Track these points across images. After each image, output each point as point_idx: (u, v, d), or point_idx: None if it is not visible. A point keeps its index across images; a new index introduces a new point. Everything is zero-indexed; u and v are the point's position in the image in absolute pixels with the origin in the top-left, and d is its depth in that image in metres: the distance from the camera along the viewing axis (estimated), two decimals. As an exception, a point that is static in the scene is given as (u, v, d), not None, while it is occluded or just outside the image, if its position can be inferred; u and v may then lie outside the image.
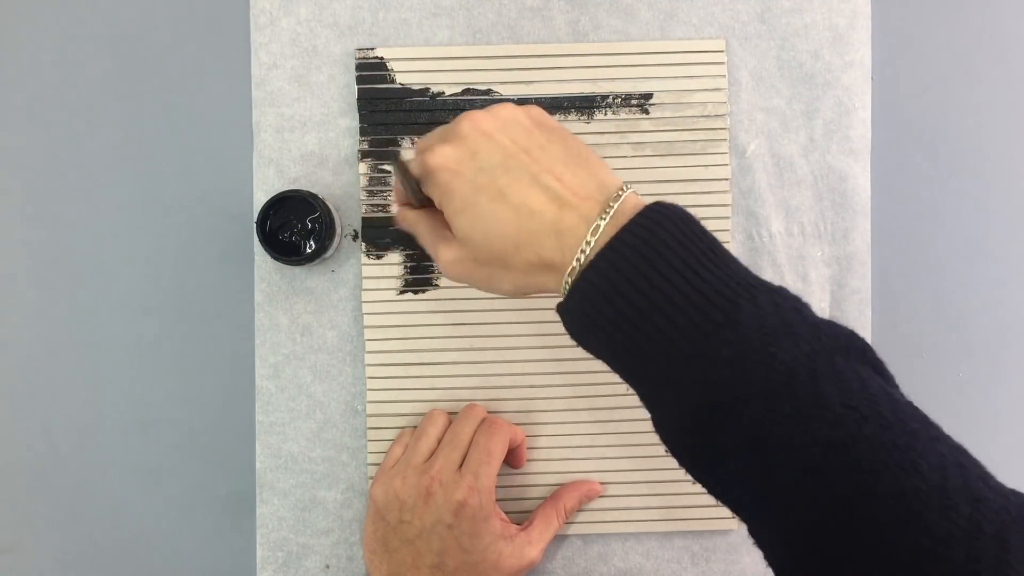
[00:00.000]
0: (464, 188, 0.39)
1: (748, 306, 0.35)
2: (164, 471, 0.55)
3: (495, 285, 0.41)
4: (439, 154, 0.40)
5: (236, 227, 0.55)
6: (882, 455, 0.32)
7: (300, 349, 0.54)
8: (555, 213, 0.38)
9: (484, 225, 0.39)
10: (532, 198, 0.38)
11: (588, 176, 0.39)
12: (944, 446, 0.33)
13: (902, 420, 0.33)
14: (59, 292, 0.55)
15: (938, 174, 0.57)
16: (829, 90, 0.55)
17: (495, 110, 0.41)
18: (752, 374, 0.34)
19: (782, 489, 0.34)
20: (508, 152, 0.39)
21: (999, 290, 0.57)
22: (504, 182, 0.39)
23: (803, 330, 0.34)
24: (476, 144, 0.40)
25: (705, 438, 0.35)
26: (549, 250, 0.38)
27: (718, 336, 0.34)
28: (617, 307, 0.36)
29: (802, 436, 0.33)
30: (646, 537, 0.55)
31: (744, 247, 0.55)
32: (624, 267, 0.35)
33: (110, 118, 0.55)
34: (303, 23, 0.54)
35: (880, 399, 0.33)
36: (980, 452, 0.57)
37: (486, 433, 0.51)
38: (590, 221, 0.37)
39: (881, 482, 0.31)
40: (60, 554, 0.55)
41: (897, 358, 0.56)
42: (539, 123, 0.41)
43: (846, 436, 0.32)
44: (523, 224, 0.38)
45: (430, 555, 0.48)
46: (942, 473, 0.32)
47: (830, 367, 0.34)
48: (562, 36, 0.55)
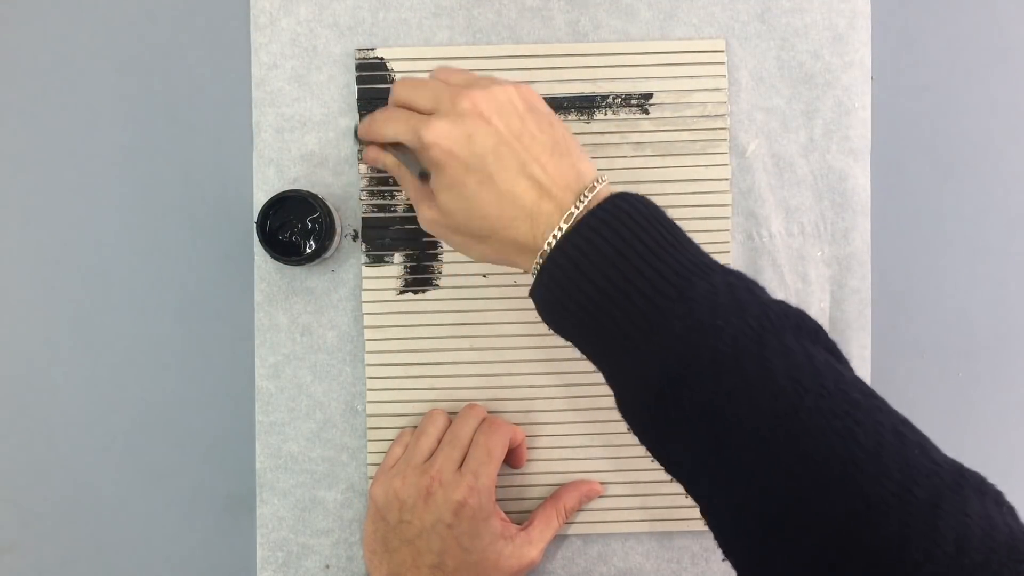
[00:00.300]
0: (455, 168, 0.41)
1: (701, 283, 0.37)
2: (164, 471, 0.55)
3: (467, 251, 0.44)
4: (435, 130, 0.41)
5: (236, 227, 0.55)
6: (820, 422, 0.33)
7: (300, 349, 0.54)
8: (535, 200, 0.41)
9: (468, 204, 0.41)
10: (517, 185, 0.41)
11: (569, 166, 0.42)
12: (884, 415, 0.34)
13: (843, 391, 0.34)
14: (59, 292, 0.55)
15: (938, 174, 0.57)
16: (829, 90, 0.55)
17: (493, 91, 0.42)
18: (702, 347, 0.35)
19: (730, 460, 0.35)
20: (501, 138, 0.41)
21: (999, 290, 0.57)
22: (494, 168, 0.41)
23: (753, 307, 0.36)
24: (473, 126, 0.41)
25: (659, 412, 0.37)
26: (523, 233, 0.41)
27: (671, 311, 0.36)
28: (581, 287, 0.38)
29: (748, 407, 0.34)
30: (646, 537, 0.55)
31: (744, 247, 0.55)
32: (587, 249, 0.38)
33: (110, 118, 0.55)
34: (303, 23, 0.54)
35: (824, 372, 0.35)
36: (980, 452, 0.57)
37: (486, 433, 0.51)
38: (564, 209, 0.40)
39: (819, 449, 0.33)
40: (60, 554, 0.55)
41: (897, 358, 0.57)
42: (531, 107, 0.43)
43: (788, 406, 0.34)
44: (504, 209, 0.41)
45: (430, 555, 0.48)
46: (878, 439, 0.33)
47: (778, 343, 0.35)
48: (562, 36, 0.55)
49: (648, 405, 0.37)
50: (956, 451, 0.37)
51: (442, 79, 0.45)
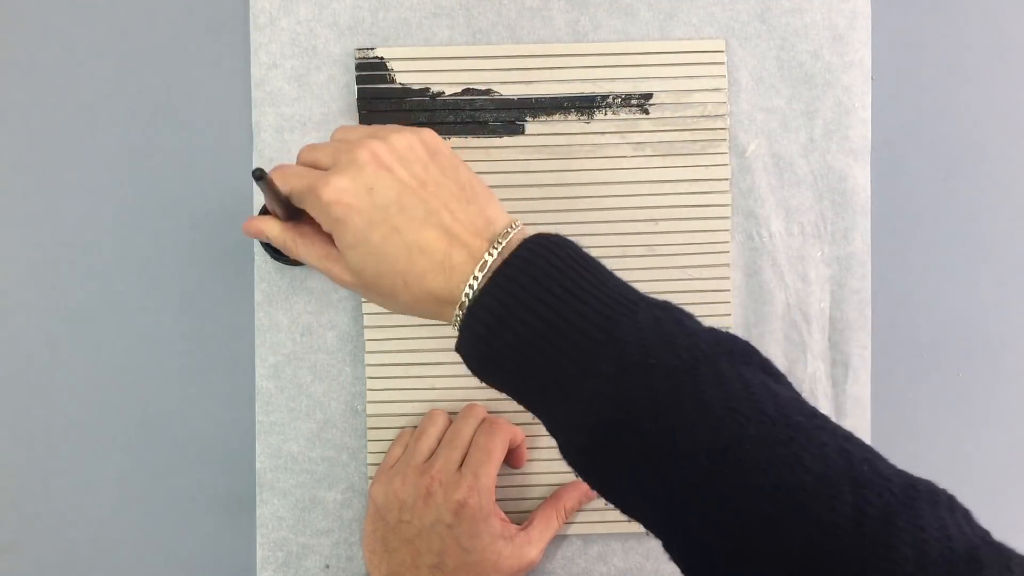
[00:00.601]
0: (358, 224, 0.39)
1: (627, 321, 0.35)
2: (164, 471, 0.55)
3: (387, 307, 0.43)
4: (334, 187, 0.40)
5: (236, 227, 0.55)
6: (765, 452, 0.32)
7: (300, 349, 0.54)
8: (445, 250, 0.39)
9: (376, 260, 0.40)
10: (424, 236, 0.39)
11: (477, 212, 0.40)
12: (827, 435, 0.33)
13: (785, 415, 0.33)
14: (59, 292, 0.55)
15: (938, 174, 0.57)
16: (829, 90, 0.55)
17: (392, 139, 0.41)
18: (634, 386, 0.34)
19: (678, 498, 0.34)
20: (405, 188, 0.40)
21: (999, 290, 0.57)
22: (398, 220, 0.39)
23: (681, 339, 0.35)
24: (373, 178, 0.40)
25: (601, 456, 0.36)
26: (438, 286, 0.39)
27: (599, 353, 0.35)
28: (505, 339, 0.36)
29: (688, 443, 0.33)
30: (646, 537, 0.55)
31: (744, 247, 0.55)
32: (506, 300, 0.36)
33: (110, 118, 0.55)
34: (303, 23, 0.54)
35: (762, 398, 0.34)
36: (980, 452, 0.57)
37: (486, 433, 0.51)
38: (477, 258, 0.38)
39: (768, 479, 0.32)
40: (60, 554, 0.55)
41: (897, 358, 0.57)
42: (434, 152, 0.42)
43: (730, 438, 0.33)
44: (414, 261, 0.39)
45: (430, 555, 0.48)
46: (824, 462, 0.32)
47: (712, 373, 0.34)
48: (562, 36, 0.55)
49: (587, 450, 0.36)
50: (956, 451, 0.37)
51: (340, 137, 0.44)
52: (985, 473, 0.56)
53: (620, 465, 0.35)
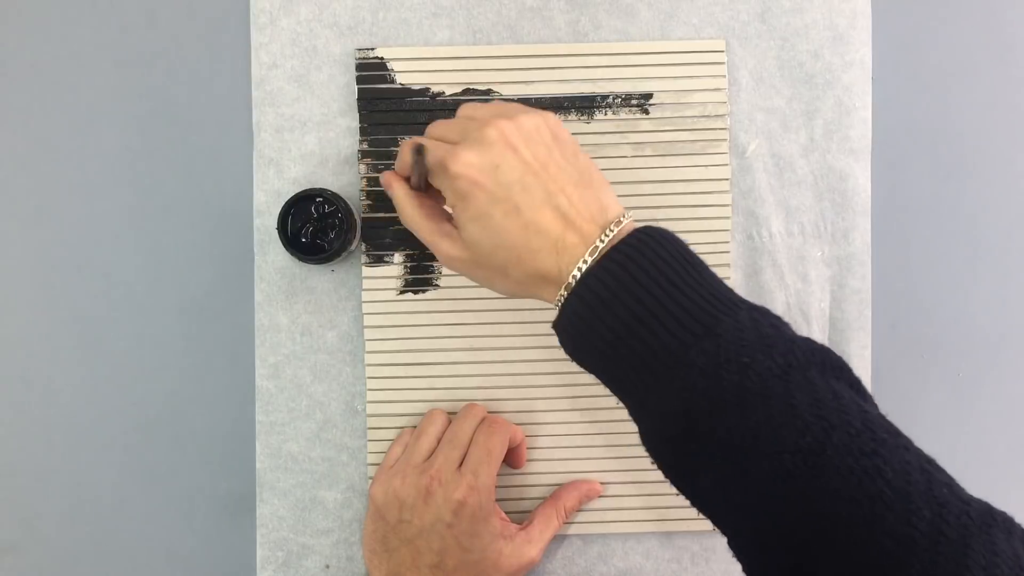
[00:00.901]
0: (481, 199, 0.41)
1: (727, 320, 0.37)
2: (164, 471, 0.55)
3: (491, 286, 0.44)
4: (462, 161, 0.41)
5: (236, 227, 0.55)
6: (848, 460, 0.33)
7: (300, 349, 0.54)
8: (560, 232, 0.40)
9: (493, 236, 0.41)
10: (543, 216, 0.40)
11: (593, 198, 0.41)
12: (911, 455, 0.34)
13: (871, 429, 0.34)
14: (59, 292, 0.55)
15: (938, 174, 0.57)
16: (829, 90, 0.55)
17: (520, 119, 0.42)
18: (727, 383, 0.35)
19: (755, 496, 0.35)
20: (528, 168, 0.41)
21: (999, 290, 0.57)
22: (520, 199, 0.40)
23: (779, 344, 0.36)
24: (500, 156, 0.41)
25: (683, 446, 0.37)
26: (548, 265, 0.40)
27: (697, 346, 0.36)
28: (605, 320, 0.38)
29: (773, 443, 0.34)
30: (646, 537, 0.55)
31: (744, 247, 0.55)
32: (612, 282, 0.38)
33: (110, 118, 0.55)
34: (303, 23, 0.54)
35: (850, 410, 0.35)
36: (980, 452, 0.57)
37: (486, 432, 0.51)
38: (589, 242, 0.40)
39: (847, 486, 0.33)
40: (60, 554, 0.55)
41: (897, 358, 0.57)
42: (556, 137, 0.43)
43: (815, 443, 0.33)
44: (530, 240, 0.40)
45: (430, 554, 0.48)
46: (906, 478, 0.32)
47: (803, 379, 0.35)
48: (562, 36, 0.55)
49: (672, 439, 0.37)
50: (956, 451, 0.37)
51: (467, 114, 0.45)
52: (985, 473, 0.56)
53: (700, 456, 0.36)
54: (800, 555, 0.34)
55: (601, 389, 0.41)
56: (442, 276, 0.55)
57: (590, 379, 0.55)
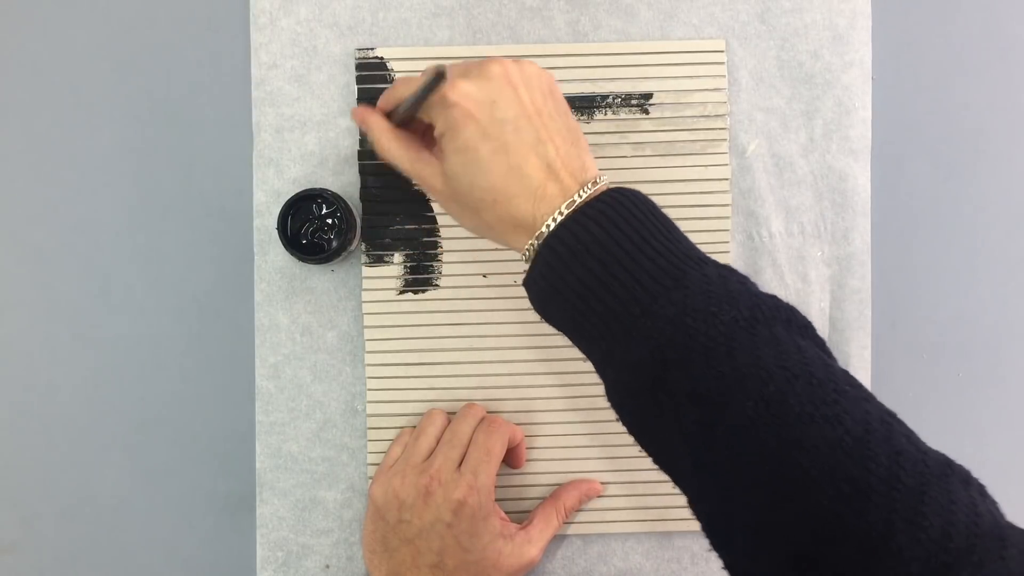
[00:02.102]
0: (472, 132, 0.41)
1: (695, 273, 0.37)
2: (164, 471, 0.55)
3: (462, 221, 0.44)
4: (460, 90, 0.41)
5: (236, 227, 0.55)
6: (809, 408, 0.33)
7: (300, 349, 0.54)
8: (541, 180, 0.41)
9: (475, 171, 0.41)
10: (528, 162, 0.41)
11: (576, 155, 0.42)
12: (872, 406, 0.34)
13: (833, 380, 0.35)
14: (59, 292, 0.55)
15: (938, 174, 0.57)
16: (829, 90, 0.55)
17: (523, 64, 0.42)
18: (694, 332, 0.36)
19: (718, 445, 0.35)
20: (524, 111, 0.41)
21: (999, 290, 0.57)
22: (511, 139, 0.41)
23: (744, 297, 0.37)
24: (499, 92, 0.41)
25: (648, 396, 0.37)
26: (523, 211, 0.41)
27: (666, 296, 0.37)
28: (575, 271, 0.38)
29: (738, 392, 0.35)
30: (646, 537, 0.55)
31: (744, 247, 0.55)
32: (584, 235, 0.38)
33: (110, 118, 0.55)
34: (303, 23, 0.54)
35: (814, 362, 0.35)
36: (980, 452, 0.57)
37: (485, 432, 0.51)
38: (568, 195, 0.40)
39: (808, 435, 0.33)
40: (60, 554, 0.55)
41: (897, 358, 0.57)
42: (553, 90, 0.43)
43: (777, 392, 0.34)
44: (510, 183, 0.41)
45: (430, 554, 0.48)
46: (865, 427, 0.33)
47: (769, 332, 0.36)
48: (562, 36, 0.55)
49: (637, 390, 0.38)
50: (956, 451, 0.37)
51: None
52: (985, 473, 0.56)
53: (665, 406, 0.37)
54: (761, 506, 0.34)
55: (600, 389, 0.41)
56: (442, 276, 0.55)
57: (590, 379, 0.55)
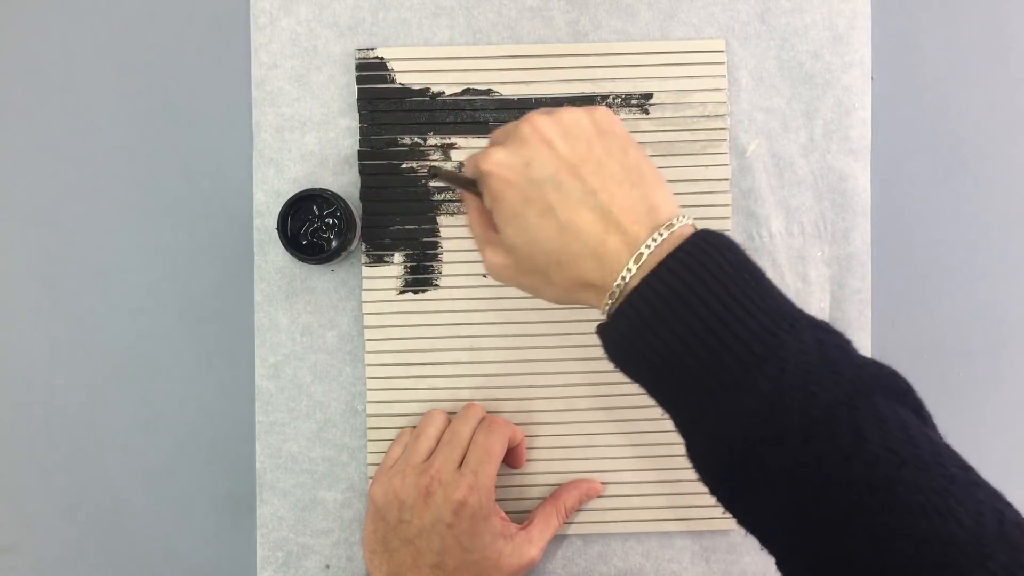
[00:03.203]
0: (514, 198, 0.39)
1: (791, 341, 0.35)
2: (164, 471, 0.55)
3: (538, 293, 0.41)
4: (492, 159, 0.39)
5: (236, 227, 0.55)
6: (919, 499, 0.32)
7: (300, 349, 0.54)
8: (600, 235, 0.37)
9: (529, 237, 0.39)
10: (580, 217, 0.38)
11: (640, 197, 0.38)
12: (982, 492, 0.33)
13: (941, 464, 0.33)
14: (59, 292, 0.55)
15: (938, 174, 0.57)
16: (829, 90, 0.55)
17: (559, 114, 0.40)
18: (792, 411, 0.33)
19: (816, 527, 0.33)
20: (563, 164, 0.38)
21: (999, 290, 0.57)
22: (554, 197, 0.38)
23: (845, 369, 0.34)
24: (533, 152, 0.39)
25: (740, 471, 0.35)
26: (590, 271, 0.38)
27: (759, 370, 0.34)
28: (659, 335, 0.35)
29: (840, 475, 0.33)
30: (646, 537, 0.55)
31: (744, 247, 0.55)
32: (668, 296, 0.35)
33: (110, 118, 0.55)
34: (303, 23, 0.54)
35: (920, 442, 0.33)
36: (980, 452, 0.57)
37: (485, 432, 0.51)
38: (634, 247, 0.37)
39: (918, 526, 0.31)
40: (60, 554, 0.55)
41: (897, 358, 0.56)
42: (602, 131, 0.40)
43: (884, 478, 0.32)
44: (567, 242, 0.38)
45: (430, 554, 0.48)
46: (979, 520, 0.31)
47: (870, 407, 0.34)
48: (562, 36, 0.55)
49: (727, 462, 0.35)
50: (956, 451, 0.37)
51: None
52: (985, 473, 0.56)
53: (758, 482, 0.35)
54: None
55: (601, 389, 0.41)
56: (442, 276, 0.55)
57: (590, 379, 0.55)
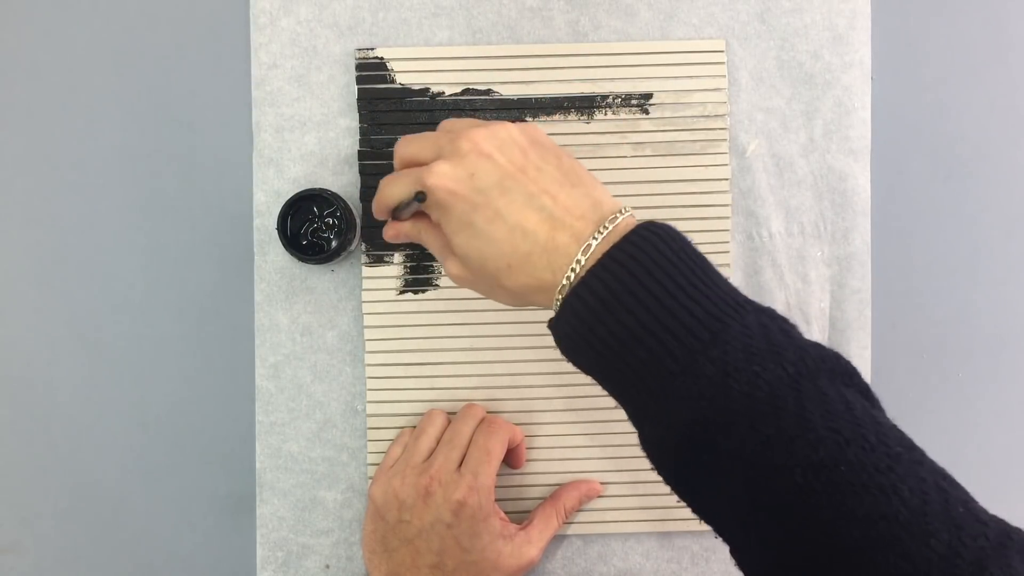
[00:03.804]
0: (461, 208, 0.40)
1: (735, 325, 0.35)
2: (164, 471, 0.55)
3: (495, 297, 0.43)
4: (436, 173, 0.40)
5: (236, 227, 0.55)
6: (863, 477, 0.32)
7: (300, 349, 0.54)
8: (548, 233, 0.39)
9: (479, 244, 0.40)
10: (527, 218, 0.39)
11: (582, 196, 0.40)
12: (926, 470, 0.33)
13: (885, 443, 0.33)
14: (59, 292, 0.55)
15: (938, 174, 0.57)
16: (829, 90, 0.55)
17: (492, 128, 0.41)
18: (736, 393, 0.34)
19: (764, 510, 0.34)
20: (505, 172, 0.40)
21: (999, 290, 0.57)
22: (501, 203, 0.39)
23: (789, 352, 0.35)
24: (474, 164, 0.40)
25: (689, 456, 0.36)
26: (540, 270, 0.39)
27: (704, 354, 0.35)
28: (606, 324, 0.36)
29: (785, 457, 0.33)
30: (646, 537, 0.55)
31: (744, 247, 0.55)
32: (613, 285, 0.36)
33: (110, 118, 0.55)
34: (303, 23, 0.54)
35: (864, 422, 0.34)
36: (980, 452, 0.57)
37: (485, 432, 0.51)
38: (581, 240, 0.38)
39: (862, 505, 0.32)
40: (60, 554, 0.55)
41: (897, 358, 0.57)
42: (534, 141, 0.42)
43: (828, 458, 0.32)
44: (517, 244, 0.39)
45: (429, 554, 0.48)
46: (922, 498, 0.32)
47: (815, 389, 0.34)
48: (562, 36, 0.55)
49: (677, 448, 0.36)
50: (956, 451, 0.37)
51: (445, 128, 0.44)
52: (985, 473, 0.56)
53: (707, 467, 0.35)
54: (810, 571, 0.33)
55: (600, 390, 0.41)
56: (442, 276, 0.55)
57: (589, 380, 0.55)
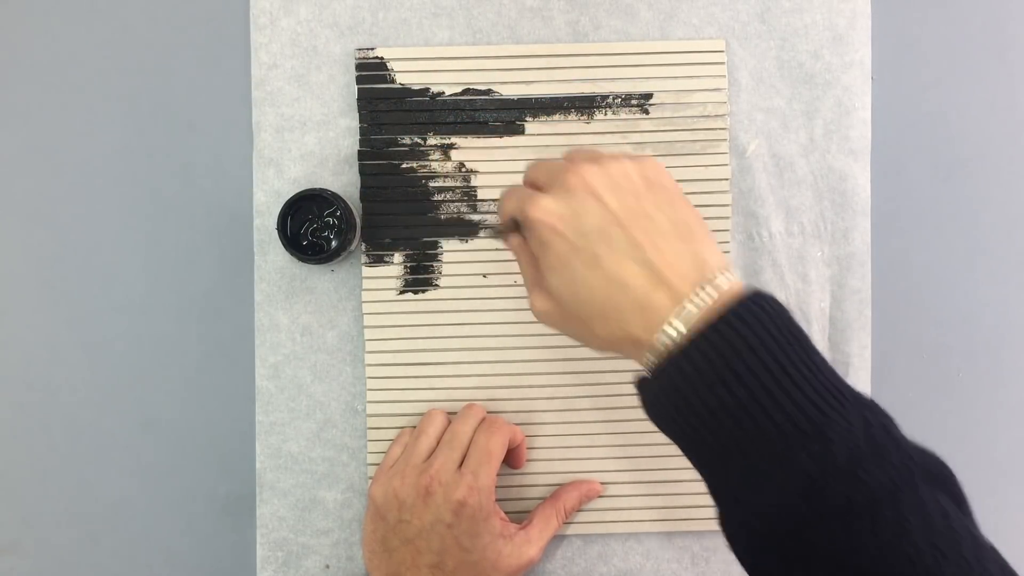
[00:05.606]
0: (561, 247, 0.39)
1: (838, 420, 0.34)
2: (164, 471, 0.55)
3: (584, 341, 0.41)
4: (540, 207, 0.39)
5: (236, 227, 0.55)
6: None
7: (300, 349, 0.54)
8: (645, 289, 0.37)
9: (574, 288, 0.39)
10: (626, 270, 0.38)
11: (688, 252, 0.38)
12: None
13: (981, 562, 0.32)
14: (59, 292, 0.55)
15: (938, 174, 0.57)
16: (829, 90, 0.55)
17: (607, 164, 0.40)
18: (834, 493, 0.33)
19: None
20: (612, 217, 0.38)
21: (999, 290, 0.57)
22: (601, 250, 0.38)
23: (892, 455, 0.34)
24: (581, 203, 0.39)
25: (775, 545, 0.35)
26: (633, 325, 0.37)
27: (804, 448, 0.33)
28: (703, 399, 0.35)
29: (880, 565, 0.32)
30: (646, 537, 0.55)
31: (744, 247, 0.55)
32: (716, 359, 0.35)
33: (110, 118, 0.55)
34: (303, 23, 0.54)
35: (962, 537, 0.33)
36: (980, 452, 0.57)
37: (485, 432, 0.51)
38: (678, 302, 0.37)
39: None
40: (60, 554, 0.55)
41: (897, 358, 0.57)
42: (651, 184, 0.40)
43: (925, 572, 0.32)
44: (612, 295, 0.38)
45: (429, 554, 0.48)
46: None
47: (914, 498, 0.33)
48: (562, 36, 0.55)
49: (760, 534, 0.35)
50: (956, 451, 0.37)
51: (567, 157, 0.43)
52: (985, 473, 0.56)
53: (792, 560, 0.34)
54: None
55: (601, 389, 0.41)
56: (442, 276, 0.55)
57: (590, 379, 0.55)
